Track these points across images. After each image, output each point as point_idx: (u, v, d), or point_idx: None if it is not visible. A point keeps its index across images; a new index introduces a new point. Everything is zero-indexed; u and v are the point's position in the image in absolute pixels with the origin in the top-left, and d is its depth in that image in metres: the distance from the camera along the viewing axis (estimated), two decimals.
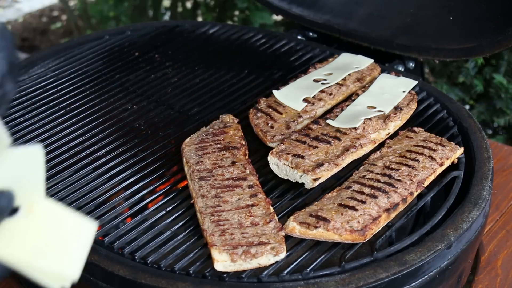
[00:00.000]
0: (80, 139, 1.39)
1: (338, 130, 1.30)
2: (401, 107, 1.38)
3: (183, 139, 1.35)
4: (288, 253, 1.06)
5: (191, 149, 1.27)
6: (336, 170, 1.23)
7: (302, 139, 1.28)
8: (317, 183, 1.19)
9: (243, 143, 1.30)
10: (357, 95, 1.44)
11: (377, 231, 1.11)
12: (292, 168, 1.21)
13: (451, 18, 1.66)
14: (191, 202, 1.18)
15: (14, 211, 0.65)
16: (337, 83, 1.48)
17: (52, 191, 1.24)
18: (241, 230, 1.07)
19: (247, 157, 1.27)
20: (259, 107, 1.41)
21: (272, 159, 1.24)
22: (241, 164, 1.23)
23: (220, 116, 1.39)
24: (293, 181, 1.22)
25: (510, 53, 2.34)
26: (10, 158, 0.65)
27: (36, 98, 1.54)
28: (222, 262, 1.03)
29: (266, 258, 1.03)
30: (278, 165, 1.23)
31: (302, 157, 1.23)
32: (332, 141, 1.28)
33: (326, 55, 1.70)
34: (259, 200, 1.14)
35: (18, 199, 0.65)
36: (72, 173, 1.28)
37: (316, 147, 1.26)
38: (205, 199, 1.15)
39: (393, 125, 1.35)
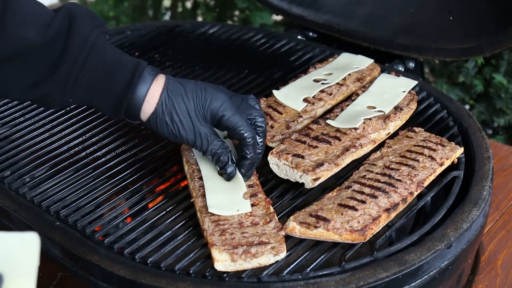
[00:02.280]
0: (80, 139, 1.39)
1: (338, 130, 1.30)
2: (401, 107, 1.38)
3: None
4: (288, 253, 1.06)
5: (191, 149, 1.27)
6: (336, 170, 1.23)
7: (302, 139, 1.28)
8: (317, 183, 1.19)
9: None
10: (357, 95, 1.44)
11: (377, 231, 1.11)
12: (292, 168, 1.21)
13: (451, 18, 1.66)
14: (191, 201, 1.18)
15: None
16: (337, 83, 1.48)
17: (52, 191, 1.24)
18: (241, 230, 1.07)
19: None
20: None
21: (272, 159, 1.24)
22: None
23: None
24: (293, 181, 1.22)
25: (510, 53, 2.34)
26: (4, 241, 0.66)
27: None
28: (222, 261, 1.03)
29: (266, 258, 1.03)
30: (278, 165, 1.23)
31: (302, 157, 1.23)
32: (332, 141, 1.27)
33: (326, 55, 1.70)
34: (259, 200, 1.14)
35: (6, 284, 0.65)
36: (72, 173, 1.28)
37: (316, 147, 1.26)
38: (205, 199, 1.15)
39: (393, 125, 1.35)
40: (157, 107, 1.13)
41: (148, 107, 1.13)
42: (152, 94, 1.12)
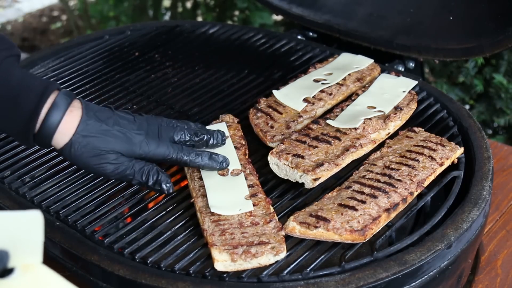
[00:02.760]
0: None
1: (338, 130, 1.30)
2: (401, 107, 1.38)
3: None
4: (288, 253, 1.06)
5: None
6: (336, 170, 1.23)
7: (302, 139, 1.28)
8: (317, 183, 1.19)
9: (243, 142, 1.30)
10: (357, 95, 1.44)
11: (377, 231, 1.11)
12: (292, 168, 1.21)
13: (451, 18, 1.66)
14: (191, 201, 1.18)
15: (9, 271, 0.66)
16: (337, 83, 1.48)
17: (52, 191, 1.24)
18: (241, 230, 1.07)
19: (247, 157, 1.27)
20: (259, 107, 1.41)
21: (272, 159, 1.24)
22: (241, 164, 1.23)
23: (220, 116, 1.39)
24: (293, 181, 1.22)
25: (510, 53, 2.34)
26: (9, 220, 0.67)
27: None
28: (222, 261, 1.03)
29: (266, 258, 1.03)
30: (278, 165, 1.23)
31: (302, 157, 1.23)
32: (332, 141, 1.27)
33: (326, 55, 1.70)
34: (259, 200, 1.14)
35: (13, 261, 0.67)
36: (72, 173, 1.28)
37: (316, 147, 1.26)
38: (205, 199, 1.15)
39: (393, 125, 1.35)
40: (73, 139, 1.09)
41: (61, 138, 1.09)
42: (66, 125, 1.08)
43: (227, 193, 1.15)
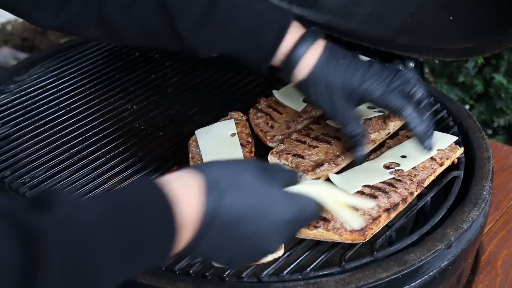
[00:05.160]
0: (80, 139, 1.39)
1: (338, 130, 1.30)
2: None
3: (183, 139, 1.35)
4: (288, 253, 1.06)
5: (197, 145, 1.27)
6: (336, 170, 1.23)
7: (302, 139, 1.28)
8: None
9: (250, 140, 1.30)
10: None
11: (377, 231, 1.11)
12: (292, 168, 1.21)
13: (451, 18, 1.66)
14: None
15: None
16: None
17: None
18: None
19: (253, 155, 1.27)
20: (259, 107, 1.41)
21: (272, 159, 1.24)
22: None
23: (229, 113, 1.39)
24: None
25: (510, 53, 2.34)
26: None
27: (36, 98, 1.54)
28: None
29: None
30: None
31: (302, 157, 1.23)
32: (332, 141, 1.28)
33: None
34: None
35: None
36: (72, 173, 1.28)
37: (316, 147, 1.26)
38: None
39: (393, 125, 1.35)
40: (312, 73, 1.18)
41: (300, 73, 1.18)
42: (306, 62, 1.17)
43: None
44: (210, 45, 1.24)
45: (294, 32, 1.19)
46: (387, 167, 1.21)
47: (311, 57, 1.18)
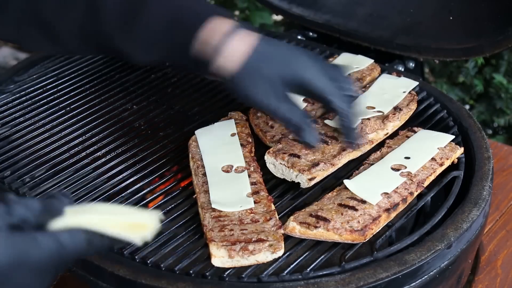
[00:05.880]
0: (80, 139, 1.39)
1: (336, 130, 1.30)
2: (401, 107, 1.38)
3: (183, 139, 1.35)
4: (288, 253, 1.06)
5: (197, 145, 1.28)
6: (332, 170, 1.23)
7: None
8: (312, 182, 1.19)
9: (250, 140, 1.30)
10: None
11: (377, 231, 1.11)
12: (288, 167, 1.21)
13: (451, 18, 1.66)
14: (194, 197, 1.18)
15: None
16: None
17: (53, 191, 1.24)
18: (240, 227, 1.07)
19: (252, 155, 1.27)
20: None
21: (268, 159, 1.24)
22: (246, 161, 1.23)
23: (229, 113, 1.39)
24: (290, 180, 1.22)
25: (510, 53, 2.34)
26: None
27: (36, 98, 1.54)
28: (220, 257, 1.03)
29: (264, 255, 1.03)
30: (275, 165, 1.24)
31: (299, 156, 1.23)
32: (329, 141, 1.28)
33: (326, 55, 1.70)
34: (261, 198, 1.14)
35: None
36: (72, 173, 1.28)
37: (313, 146, 1.26)
38: (207, 195, 1.15)
39: (392, 126, 1.35)
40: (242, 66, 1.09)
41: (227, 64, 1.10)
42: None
43: (229, 190, 1.15)
44: (137, 41, 1.17)
45: (220, 22, 1.10)
46: (394, 169, 1.21)
47: (240, 45, 1.09)
